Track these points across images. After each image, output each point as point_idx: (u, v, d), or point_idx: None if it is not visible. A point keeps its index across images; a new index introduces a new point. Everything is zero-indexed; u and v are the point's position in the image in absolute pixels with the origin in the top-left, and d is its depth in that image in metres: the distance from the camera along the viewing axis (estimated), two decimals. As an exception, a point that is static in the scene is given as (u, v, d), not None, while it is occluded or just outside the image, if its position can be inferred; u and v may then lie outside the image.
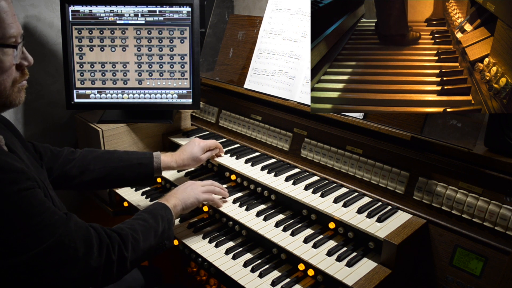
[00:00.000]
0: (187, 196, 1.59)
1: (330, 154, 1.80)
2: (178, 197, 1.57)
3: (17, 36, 1.15)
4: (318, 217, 1.64)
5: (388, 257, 1.40)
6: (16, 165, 1.07)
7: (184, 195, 1.59)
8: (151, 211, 1.45)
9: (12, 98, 1.18)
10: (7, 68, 1.14)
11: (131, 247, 1.26)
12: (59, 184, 1.62)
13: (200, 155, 1.85)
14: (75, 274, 1.12)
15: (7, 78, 1.15)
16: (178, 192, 1.60)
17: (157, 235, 1.37)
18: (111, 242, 1.22)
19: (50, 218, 1.10)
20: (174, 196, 1.57)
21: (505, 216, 1.34)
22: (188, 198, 1.58)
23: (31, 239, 1.05)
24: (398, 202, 1.60)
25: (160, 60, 2.08)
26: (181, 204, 1.56)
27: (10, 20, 1.12)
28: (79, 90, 2.08)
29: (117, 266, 1.21)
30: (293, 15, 2.05)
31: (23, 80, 1.22)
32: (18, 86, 1.20)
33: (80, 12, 2.01)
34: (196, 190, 1.63)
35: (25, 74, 1.22)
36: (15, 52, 1.15)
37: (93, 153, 1.72)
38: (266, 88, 2.05)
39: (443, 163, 1.50)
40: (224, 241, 1.66)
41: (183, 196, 1.58)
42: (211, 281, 2.09)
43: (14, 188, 1.04)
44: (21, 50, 1.18)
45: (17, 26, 1.15)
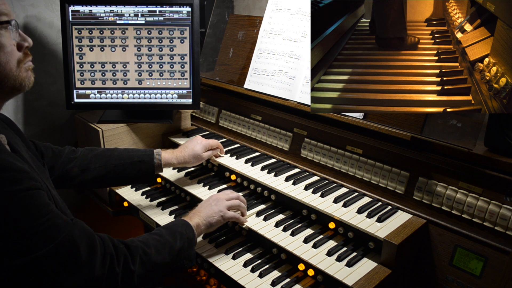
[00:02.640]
0: (211, 214, 1.51)
1: (330, 154, 1.80)
2: (202, 215, 1.50)
3: (9, 15, 1.16)
4: (318, 217, 1.64)
5: (388, 257, 1.40)
6: (18, 164, 1.06)
7: (208, 212, 1.51)
8: (170, 227, 1.40)
9: (21, 79, 1.18)
10: (6, 47, 1.14)
11: (139, 261, 1.21)
12: (61, 183, 1.63)
13: (202, 153, 1.85)
14: (77, 281, 1.09)
15: (10, 59, 1.15)
16: (202, 209, 1.53)
17: (173, 252, 1.31)
18: (116, 253, 1.18)
19: (54, 221, 1.08)
20: (198, 214, 1.50)
21: (505, 216, 1.34)
22: (213, 217, 1.51)
23: (33, 241, 1.03)
24: (398, 202, 1.60)
25: (160, 60, 2.08)
26: (205, 224, 1.49)
27: None
28: (79, 90, 2.08)
29: (122, 279, 1.17)
30: (293, 15, 2.05)
31: (28, 61, 1.22)
32: (25, 66, 1.20)
33: (80, 12, 2.01)
34: (221, 206, 1.54)
35: (28, 54, 1.22)
36: (10, 32, 1.15)
37: (93, 152, 1.72)
38: (266, 88, 2.05)
39: (443, 163, 1.50)
40: (224, 241, 1.66)
41: (207, 214, 1.50)
42: (211, 281, 2.09)
43: (16, 187, 1.02)
44: (18, 31, 1.18)
45: (7, 7, 1.16)
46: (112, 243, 1.20)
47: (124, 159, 1.70)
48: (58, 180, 1.60)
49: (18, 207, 1.02)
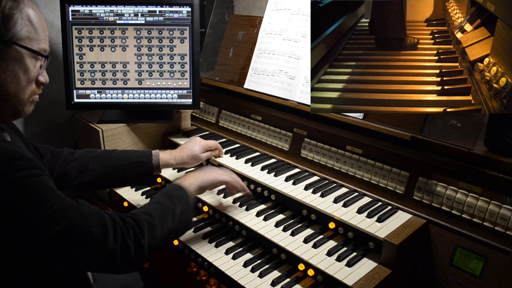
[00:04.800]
0: (205, 174, 1.58)
1: (330, 154, 1.80)
2: (195, 175, 1.56)
3: (47, 51, 1.24)
4: (318, 217, 1.64)
5: (388, 257, 1.40)
6: (24, 153, 1.10)
7: (201, 173, 1.57)
8: (167, 193, 1.43)
9: (25, 108, 1.25)
10: (32, 78, 1.21)
11: (147, 233, 1.25)
12: (59, 185, 1.62)
13: (200, 154, 1.85)
14: (93, 257, 1.14)
15: (28, 87, 1.21)
16: (196, 171, 1.60)
17: (175, 218, 1.35)
18: (125, 226, 1.21)
19: (61, 203, 1.12)
20: (190, 175, 1.56)
21: (505, 216, 1.34)
22: (206, 176, 1.57)
23: (43, 223, 1.07)
24: (398, 202, 1.60)
25: (160, 60, 2.08)
26: (198, 182, 1.54)
27: (45, 36, 1.23)
28: (79, 90, 2.08)
29: (135, 251, 1.21)
30: (293, 15, 2.05)
31: (37, 94, 1.28)
32: (33, 97, 1.26)
33: (80, 12, 2.01)
34: (216, 171, 1.63)
35: (40, 89, 1.28)
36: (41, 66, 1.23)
37: (92, 153, 1.72)
38: (266, 88, 2.05)
39: (443, 163, 1.50)
40: (224, 241, 1.66)
41: (200, 174, 1.57)
42: (211, 281, 2.09)
43: (23, 173, 1.07)
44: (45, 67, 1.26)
45: (48, 44, 1.24)
46: (119, 217, 1.23)
47: (122, 160, 1.70)
48: (56, 181, 1.60)
49: (26, 193, 1.07)
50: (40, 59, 1.22)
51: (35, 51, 1.19)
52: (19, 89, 1.19)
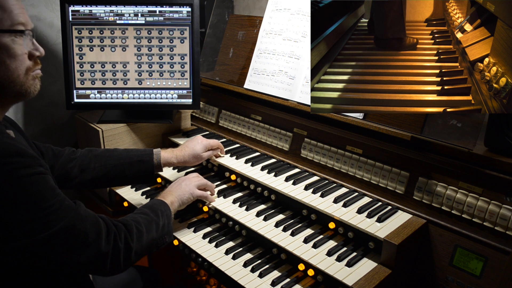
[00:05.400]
0: (182, 193, 1.63)
1: (330, 154, 1.80)
2: (174, 194, 1.60)
3: (26, 24, 1.19)
4: (318, 217, 1.64)
5: (388, 257, 1.40)
6: (28, 151, 1.11)
7: (179, 192, 1.62)
8: (151, 206, 1.48)
9: (27, 86, 1.21)
10: (18, 55, 1.17)
11: (136, 238, 1.29)
12: (60, 184, 1.63)
13: (201, 153, 1.85)
14: (86, 258, 1.16)
15: (19, 66, 1.18)
16: (173, 189, 1.63)
17: (158, 229, 1.40)
18: (117, 230, 1.25)
19: (61, 203, 1.14)
20: (170, 193, 1.60)
21: (505, 216, 1.34)
22: (184, 194, 1.62)
23: (42, 221, 1.09)
24: (398, 202, 1.60)
25: (160, 60, 2.08)
26: (178, 201, 1.60)
27: (18, 11, 1.16)
28: (79, 90, 2.08)
29: (123, 255, 1.24)
30: (293, 15, 2.05)
31: (37, 69, 1.25)
32: (32, 74, 1.23)
33: (80, 12, 2.01)
34: (190, 185, 1.66)
35: (38, 63, 1.25)
36: (24, 40, 1.18)
37: (93, 152, 1.72)
38: (266, 88, 2.05)
39: (443, 163, 1.50)
40: (224, 241, 1.66)
41: (178, 193, 1.61)
42: (211, 281, 2.09)
43: (27, 171, 1.08)
44: (32, 40, 1.22)
45: (25, 17, 1.19)
46: (111, 222, 1.27)
47: (123, 159, 1.71)
48: (57, 180, 1.60)
49: (28, 190, 1.08)
50: (19, 35, 1.16)
51: (9, 30, 1.13)
52: (10, 72, 1.16)
